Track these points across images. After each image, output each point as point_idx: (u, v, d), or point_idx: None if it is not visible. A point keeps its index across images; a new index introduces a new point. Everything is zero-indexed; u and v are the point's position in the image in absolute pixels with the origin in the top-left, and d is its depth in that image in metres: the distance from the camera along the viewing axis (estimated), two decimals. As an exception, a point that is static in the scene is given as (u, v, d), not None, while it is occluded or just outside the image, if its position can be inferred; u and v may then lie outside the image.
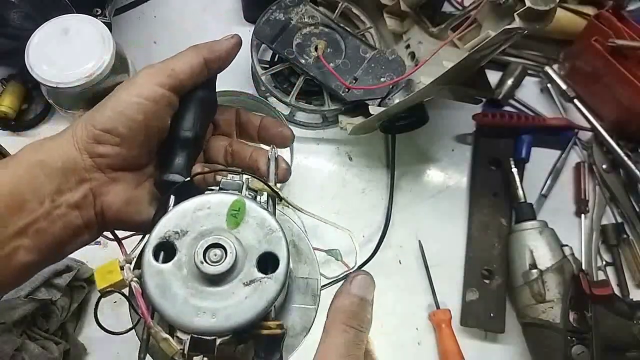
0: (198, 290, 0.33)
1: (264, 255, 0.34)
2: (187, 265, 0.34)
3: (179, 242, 0.34)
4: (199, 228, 0.34)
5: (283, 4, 0.69)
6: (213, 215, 0.35)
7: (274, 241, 0.35)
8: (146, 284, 0.34)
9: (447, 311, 0.64)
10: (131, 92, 0.35)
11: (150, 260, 0.34)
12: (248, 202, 0.36)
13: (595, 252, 0.69)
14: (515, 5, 0.50)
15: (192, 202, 0.35)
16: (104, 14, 0.64)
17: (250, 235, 0.35)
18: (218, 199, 0.35)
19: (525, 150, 0.71)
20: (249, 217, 0.35)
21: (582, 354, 0.58)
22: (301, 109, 0.68)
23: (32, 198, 0.32)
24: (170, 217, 0.35)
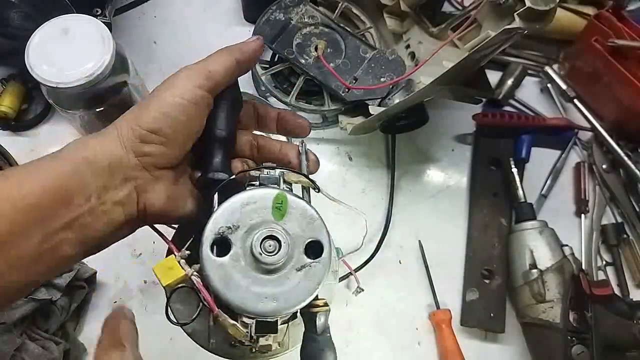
0: (257, 278, 0.37)
1: (309, 243, 0.38)
2: (244, 257, 0.37)
3: (232, 237, 0.37)
4: (248, 222, 0.38)
5: (283, 4, 0.69)
6: (259, 209, 0.38)
7: (317, 229, 0.39)
8: (209, 277, 0.37)
9: (447, 311, 0.64)
10: (174, 93, 0.37)
11: (210, 255, 0.37)
12: (288, 194, 0.39)
13: (595, 252, 0.69)
14: (515, 5, 0.50)
15: (239, 198, 0.38)
16: (104, 14, 0.64)
17: (295, 225, 0.38)
18: (262, 194, 0.39)
19: (525, 150, 0.71)
20: (291, 209, 0.39)
21: (582, 354, 0.58)
22: (301, 109, 0.68)
23: (78, 194, 0.33)
24: (220, 213, 0.38)
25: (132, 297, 0.63)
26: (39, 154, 0.70)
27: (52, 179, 0.32)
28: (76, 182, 0.33)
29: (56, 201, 0.32)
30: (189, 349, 0.63)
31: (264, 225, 0.38)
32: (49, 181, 0.32)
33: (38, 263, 0.33)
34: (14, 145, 0.66)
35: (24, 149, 0.68)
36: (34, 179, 0.32)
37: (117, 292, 0.64)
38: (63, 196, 0.32)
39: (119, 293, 0.64)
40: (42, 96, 0.63)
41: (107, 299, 0.63)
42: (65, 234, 0.33)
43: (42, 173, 0.33)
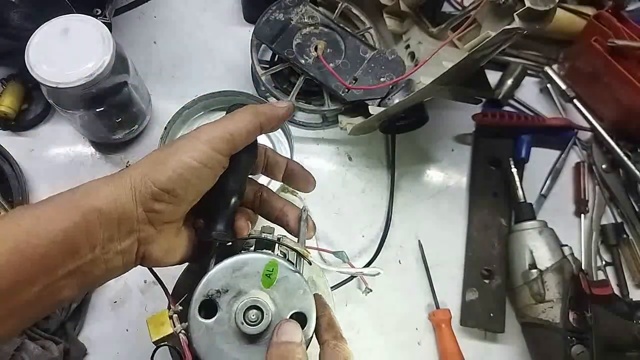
0: (238, 345, 0.38)
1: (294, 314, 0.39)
2: (228, 322, 0.38)
3: (220, 300, 0.39)
4: (237, 287, 0.39)
5: (283, 4, 0.69)
6: (250, 275, 0.39)
7: (304, 301, 0.39)
8: (193, 338, 0.38)
9: (447, 311, 0.64)
10: (193, 156, 0.37)
11: (196, 316, 0.38)
12: (280, 262, 0.40)
13: (595, 252, 0.69)
14: (515, 6, 0.50)
15: (230, 262, 0.39)
16: (104, 14, 0.64)
17: (282, 294, 0.39)
18: (254, 259, 0.40)
19: (525, 150, 0.71)
20: (281, 277, 0.39)
21: (582, 354, 0.58)
22: (301, 109, 0.68)
23: (85, 245, 0.34)
24: (212, 276, 0.39)
25: (132, 297, 0.63)
26: (39, 154, 0.71)
27: (62, 230, 0.33)
28: (84, 234, 0.33)
29: (63, 252, 0.33)
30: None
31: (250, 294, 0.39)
32: (58, 232, 0.33)
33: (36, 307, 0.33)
34: (14, 145, 0.66)
35: (24, 149, 0.68)
36: (44, 229, 0.32)
37: (117, 292, 0.64)
38: (71, 248, 0.33)
39: (119, 293, 0.64)
40: (42, 96, 0.63)
41: (107, 299, 0.63)
42: (67, 280, 0.34)
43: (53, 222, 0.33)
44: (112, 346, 0.62)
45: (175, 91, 0.72)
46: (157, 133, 0.70)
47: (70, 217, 0.33)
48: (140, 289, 0.64)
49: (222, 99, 0.68)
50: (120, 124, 0.66)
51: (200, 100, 0.66)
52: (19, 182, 0.64)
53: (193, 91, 0.68)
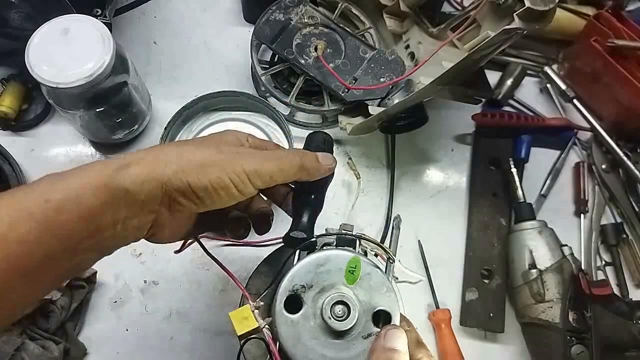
0: (324, 340, 0.38)
1: (378, 311, 0.39)
2: (314, 317, 0.39)
3: (305, 295, 0.39)
4: (321, 283, 0.39)
5: (283, 4, 0.69)
6: (333, 271, 0.40)
7: (387, 298, 0.40)
8: (280, 333, 0.38)
9: (446, 311, 0.64)
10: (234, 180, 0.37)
11: (282, 311, 0.39)
12: (363, 259, 0.40)
13: (595, 252, 0.69)
14: (514, 6, 0.50)
15: (314, 258, 0.40)
16: (104, 14, 0.64)
17: (366, 291, 0.40)
18: (336, 256, 0.40)
19: (525, 150, 0.71)
20: (364, 274, 0.40)
21: (582, 354, 0.58)
22: (301, 109, 0.68)
23: (108, 223, 0.34)
24: (296, 272, 0.40)
25: (132, 297, 0.64)
26: (39, 154, 0.71)
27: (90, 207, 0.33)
28: (110, 213, 0.34)
29: (88, 229, 0.33)
30: (188, 348, 0.63)
31: (335, 289, 0.39)
32: (86, 210, 0.33)
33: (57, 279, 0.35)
34: (14, 145, 0.66)
35: (24, 149, 0.68)
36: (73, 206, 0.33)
37: (117, 292, 0.64)
38: (96, 225, 0.34)
39: (119, 293, 0.64)
40: (42, 96, 0.63)
41: (107, 299, 0.63)
42: (87, 254, 0.34)
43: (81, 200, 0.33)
44: (112, 346, 0.62)
45: (175, 91, 0.72)
46: (157, 133, 0.70)
47: (98, 195, 0.33)
48: (140, 289, 0.64)
49: (222, 99, 0.68)
50: (120, 124, 0.66)
51: (200, 100, 0.66)
52: (19, 182, 0.64)
53: (193, 91, 0.68)
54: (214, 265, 0.65)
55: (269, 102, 0.67)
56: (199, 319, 0.63)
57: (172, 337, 0.63)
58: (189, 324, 0.63)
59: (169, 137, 0.66)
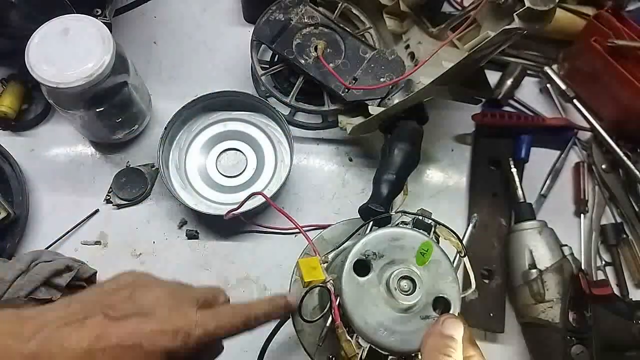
0: (384, 309, 0.39)
1: (439, 297, 0.40)
2: (379, 285, 0.40)
3: (374, 263, 0.40)
4: (392, 255, 0.41)
5: (283, 4, 0.69)
6: (405, 249, 0.41)
7: (451, 288, 0.41)
8: (344, 290, 0.39)
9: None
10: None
11: (351, 272, 0.40)
12: (435, 246, 0.42)
13: (595, 252, 0.69)
14: (514, 6, 0.50)
15: (390, 231, 0.42)
16: (104, 14, 0.64)
17: (432, 275, 0.41)
18: (411, 235, 0.42)
19: (525, 150, 0.71)
20: (433, 259, 0.41)
21: (582, 354, 0.58)
22: (301, 109, 0.68)
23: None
24: (370, 239, 0.41)
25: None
26: (39, 154, 0.71)
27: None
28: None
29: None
30: (188, 348, 0.63)
31: (404, 264, 0.40)
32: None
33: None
34: (14, 145, 0.66)
35: (24, 149, 0.68)
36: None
37: (117, 292, 0.64)
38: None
39: (119, 293, 0.64)
40: (42, 96, 0.63)
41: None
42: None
43: None
44: (112, 346, 0.62)
45: (175, 91, 0.72)
46: (157, 133, 0.70)
47: None
48: (140, 289, 0.64)
49: (222, 99, 0.68)
50: (121, 124, 0.66)
51: (200, 100, 0.66)
52: (19, 182, 0.64)
53: (193, 91, 0.68)
54: (214, 266, 0.65)
55: (269, 102, 0.67)
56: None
57: (172, 337, 0.63)
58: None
59: (168, 137, 0.66)
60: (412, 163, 0.49)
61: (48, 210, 0.66)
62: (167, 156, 0.67)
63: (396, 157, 0.49)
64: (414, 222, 0.46)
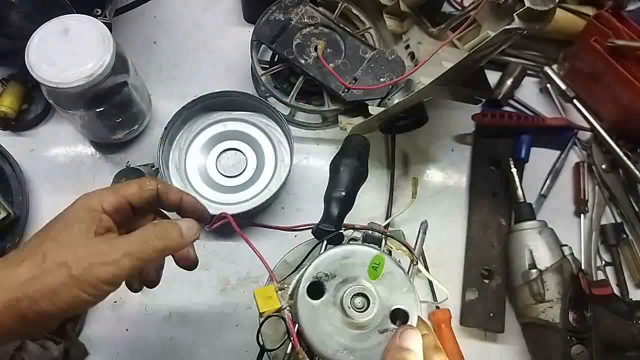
0: (341, 329, 0.39)
1: (396, 309, 0.40)
2: (334, 305, 0.40)
3: (328, 284, 0.41)
4: (344, 274, 0.41)
5: (283, 4, 0.69)
6: (357, 265, 0.41)
7: (407, 298, 0.41)
8: (300, 316, 0.40)
9: (446, 311, 0.64)
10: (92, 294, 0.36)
11: (305, 296, 0.40)
12: (387, 257, 0.42)
13: (595, 252, 0.69)
14: (514, 6, 0.50)
15: (340, 250, 0.42)
16: (104, 14, 0.64)
17: (386, 288, 0.41)
18: (362, 251, 0.42)
19: (525, 150, 0.71)
20: (386, 272, 0.41)
21: (582, 354, 0.58)
22: (301, 109, 0.68)
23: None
24: (322, 260, 0.41)
25: (132, 297, 0.63)
26: (39, 154, 0.71)
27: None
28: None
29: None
30: (188, 348, 0.63)
31: (357, 281, 0.40)
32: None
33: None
34: (14, 145, 0.66)
35: (24, 149, 0.68)
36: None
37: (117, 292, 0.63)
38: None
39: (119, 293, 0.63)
40: (42, 96, 0.63)
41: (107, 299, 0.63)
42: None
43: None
44: (112, 346, 0.62)
45: (175, 91, 0.72)
46: (157, 133, 0.70)
47: None
48: (140, 289, 0.64)
49: (222, 99, 0.68)
50: (121, 124, 0.66)
51: (200, 100, 0.66)
52: (19, 182, 0.64)
53: (193, 91, 0.68)
54: (214, 266, 0.65)
55: (269, 102, 0.67)
56: (199, 319, 0.63)
57: (172, 337, 0.63)
58: (189, 324, 0.63)
59: (168, 137, 0.66)
60: (360, 178, 0.50)
61: (48, 210, 0.66)
62: (167, 156, 0.67)
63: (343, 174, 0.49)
64: (364, 237, 0.46)
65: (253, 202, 0.64)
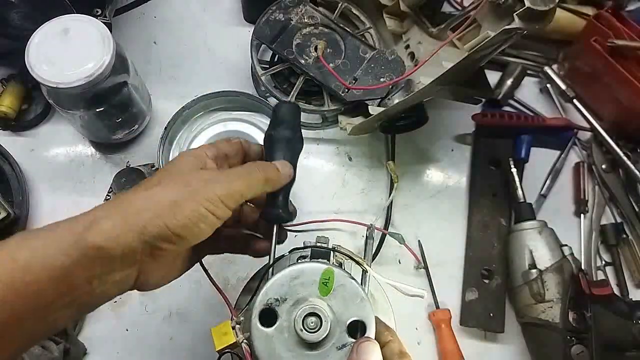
0: (299, 352, 0.39)
1: (353, 322, 0.39)
2: (288, 330, 0.39)
3: (279, 309, 0.40)
4: (295, 295, 0.40)
5: (283, 4, 0.69)
6: (307, 284, 0.40)
7: (362, 309, 0.40)
8: (255, 347, 0.39)
9: (446, 311, 0.64)
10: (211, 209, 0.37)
11: (257, 325, 0.39)
12: (337, 271, 0.41)
13: (595, 252, 0.69)
14: (514, 6, 0.50)
15: (288, 271, 0.41)
16: (104, 14, 0.64)
17: (340, 302, 0.40)
18: (310, 268, 0.41)
19: (525, 150, 0.71)
20: (337, 285, 0.40)
21: (582, 354, 0.58)
22: (301, 109, 0.68)
23: (82, 280, 0.33)
24: (270, 285, 0.40)
25: (132, 297, 0.63)
26: (39, 154, 0.71)
27: (60, 266, 0.32)
28: (82, 270, 0.33)
29: (60, 288, 0.32)
30: (188, 348, 0.63)
31: (308, 301, 0.39)
32: (56, 268, 0.32)
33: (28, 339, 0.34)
34: (14, 145, 0.67)
35: (24, 149, 0.68)
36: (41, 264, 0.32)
37: (117, 292, 0.64)
38: (68, 283, 0.33)
39: (119, 293, 0.64)
40: (42, 96, 0.63)
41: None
42: (62, 312, 0.33)
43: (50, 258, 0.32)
44: (112, 346, 0.62)
45: (175, 91, 0.72)
46: (157, 133, 0.70)
47: (69, 253, 0.32)
48: (140, 289, 0.64)
49: (222, 99, 0.68)
50: (120, 124, 0.66)
51: (200, 100, 0.66)
52: (19, 182, 0.64)
53: (193, 91, 0.68)
54: (214, 265, 0.65)
55: (269, 102, 0.67)
56: (199, 319, 0.63)
57: (172, 337, 0.63)
58: (189, 324, 0.63)
59: (168, 137, 0.66)
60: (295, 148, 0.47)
61: (48, 210, 0.66)
62: (167, 156, 0.67)
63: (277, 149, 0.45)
64: (311, 253, 0.45)
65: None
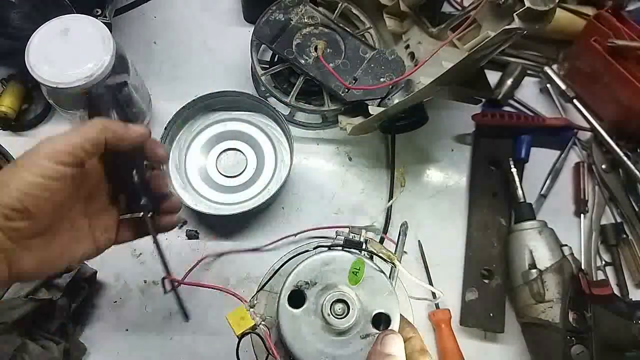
0: (323, 336, 0.40)
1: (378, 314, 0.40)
2: (315, 313, 0.40)
3: (308, 292, 0.41)
4: (325, 281, 0.41)
5: (283, 4, 0.69)
6: (337, 271, 0.41)
7: (389, 302, 0.41)
8: (281, 325, 0.40)
9: (446, 311, 0.64)
10: (36, 172, 0.36)
11: (286, 305, 0.40)
12: (367, 262, 0.42)
13: (595, 252, 0.69)
14: (514, 6, 0.50)
15: (320, 257, 0.42)
16: (104, 14, 0.64)
17: (367, 293, 0.41)
18: (342, 257, 0.42)
19: (525, 150, 0.71)
20: (367, 277, 0.41)
21: (582, 354, 0.58)
22: (301, 109, 0.68)
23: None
24: (301, 268, 0.42)
25: (132, 297, 0.64)
26: (39, 154, 0.70)
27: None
28: None
29: None
30: (188, 348, 0.63)
31: (337, 288, 0.41)
32: None
33: None
34: (14, 145, 0.66)
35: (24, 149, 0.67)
36: None
37: (117, 292, 0.64)
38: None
39: (119, 293, 0.64)
40: (42, 96, 0.63)
41: (107, 299, 0.63)
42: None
43: None
44: (112, 346, 0.62)
45: (175, 91, 0.72)
46: (157, 133, 0.70)
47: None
48: (140, 289, 0.64)
49: (222, 99, 0.68)
50: (120, 124, 0.65)
51: (200, 100, 0.66)
52: (19, 182, 0.64)
53: (193, 91, 0.68)
54: (214, 265, 0.65)
55: (269, 102, 0.67)
56: (199, 319, 0.63)
57: (172, 337, 0.63)
58: (189, 324, 0.63)
59: (169, 137, 0.66)
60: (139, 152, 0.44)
61: (48, 210, 0.66)
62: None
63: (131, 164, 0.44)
64: (344, 242, 0.46)
65: (253, 202, 0.64)
